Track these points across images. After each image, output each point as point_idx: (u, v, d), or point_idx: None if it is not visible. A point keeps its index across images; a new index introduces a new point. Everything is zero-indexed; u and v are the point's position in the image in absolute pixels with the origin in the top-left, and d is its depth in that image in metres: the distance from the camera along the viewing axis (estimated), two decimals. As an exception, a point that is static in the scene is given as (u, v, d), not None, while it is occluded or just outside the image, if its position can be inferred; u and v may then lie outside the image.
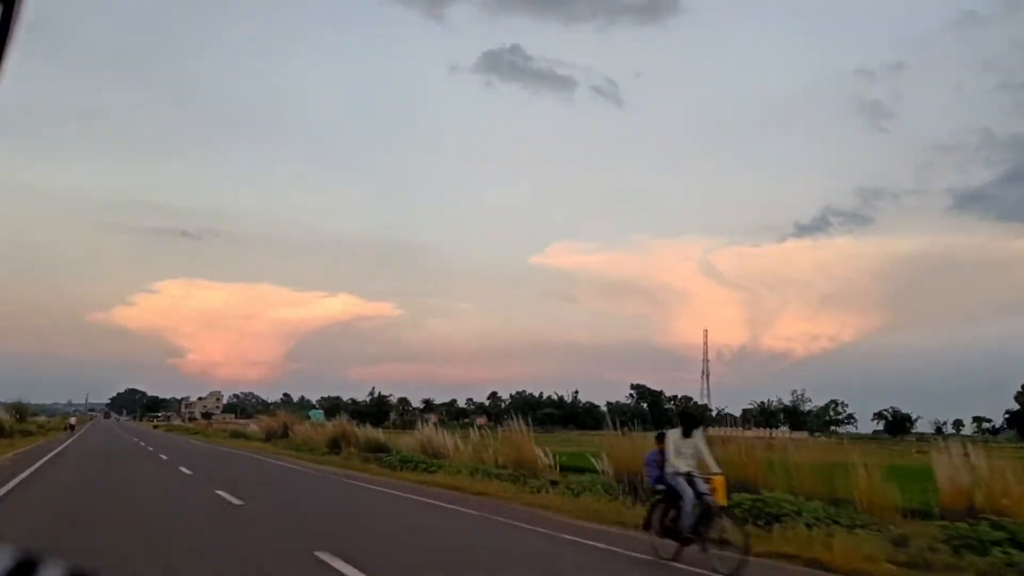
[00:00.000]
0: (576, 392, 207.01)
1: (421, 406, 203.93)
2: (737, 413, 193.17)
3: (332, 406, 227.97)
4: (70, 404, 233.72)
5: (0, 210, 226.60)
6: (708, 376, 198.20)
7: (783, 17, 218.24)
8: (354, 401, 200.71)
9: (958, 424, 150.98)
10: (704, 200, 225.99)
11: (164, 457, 31.86)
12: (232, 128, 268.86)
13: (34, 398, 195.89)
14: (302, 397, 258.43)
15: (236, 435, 55.03)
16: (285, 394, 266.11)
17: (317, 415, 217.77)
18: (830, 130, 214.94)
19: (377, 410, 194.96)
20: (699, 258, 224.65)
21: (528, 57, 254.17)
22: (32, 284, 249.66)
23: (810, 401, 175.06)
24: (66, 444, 44.72)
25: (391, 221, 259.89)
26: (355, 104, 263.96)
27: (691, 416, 11.10)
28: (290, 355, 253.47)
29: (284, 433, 43.48)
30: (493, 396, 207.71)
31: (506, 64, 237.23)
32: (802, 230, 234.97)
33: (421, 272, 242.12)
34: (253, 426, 59.16)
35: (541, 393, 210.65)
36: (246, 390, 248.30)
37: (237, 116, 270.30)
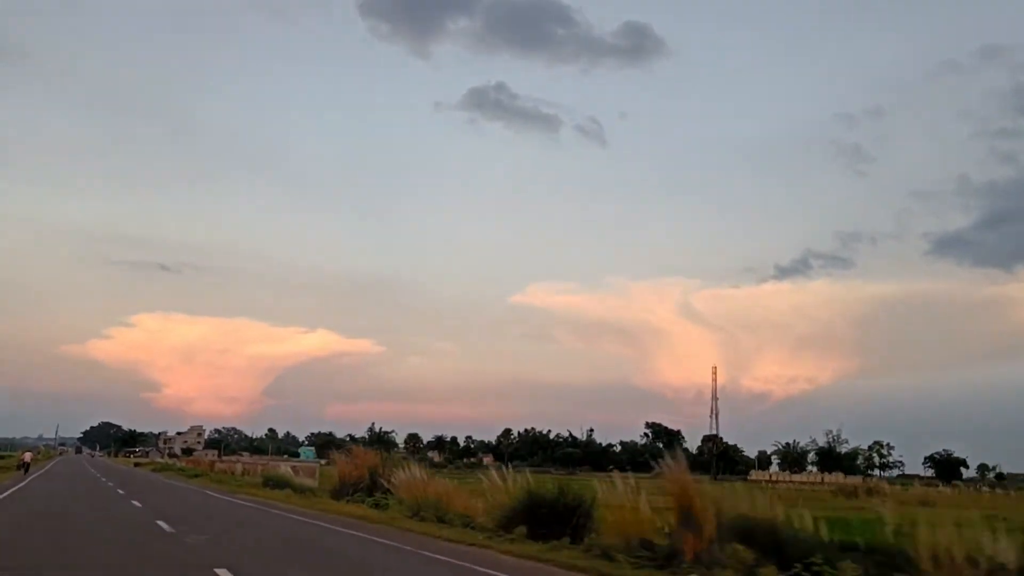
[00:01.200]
0: (591, 431, 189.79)
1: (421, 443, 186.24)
2: (751, 454, 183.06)
3: (324, 443, 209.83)
4: (41, 438, 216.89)
5: None
6: (717, 415, 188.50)
7: (766, 61, 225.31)
8: (352, 437, 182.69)
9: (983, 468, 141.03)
10: (685, 241, 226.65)
11: (190, 542, 15.04)
12: (213, 162, 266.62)
13: (1, 432, 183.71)
14: (287, 433, 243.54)
15: (276, 484, 35.77)
16: (270, 429, 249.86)
17: (308, 453, 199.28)
18: (811, 173, 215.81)
19: (380, 446, 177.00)
20: (678, 299, 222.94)
21: (513, 95, 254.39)
22: (4, 316, 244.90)
23: (846, 442, 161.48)
24: (9, 492, 28.31)
25: (372, 258, 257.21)
26: (338, 140, 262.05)
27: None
28: (268, 391, 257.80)
29: (371, 484, 26.04)
30: (506, 434, 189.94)
31: (491, 102, 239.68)
32: (782, 272, 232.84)
33: (402, 310, 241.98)
34: (305, 476, 41.48)
35: (549, 431, 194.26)
36: (224, 425, 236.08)
37: (218, 150, 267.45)
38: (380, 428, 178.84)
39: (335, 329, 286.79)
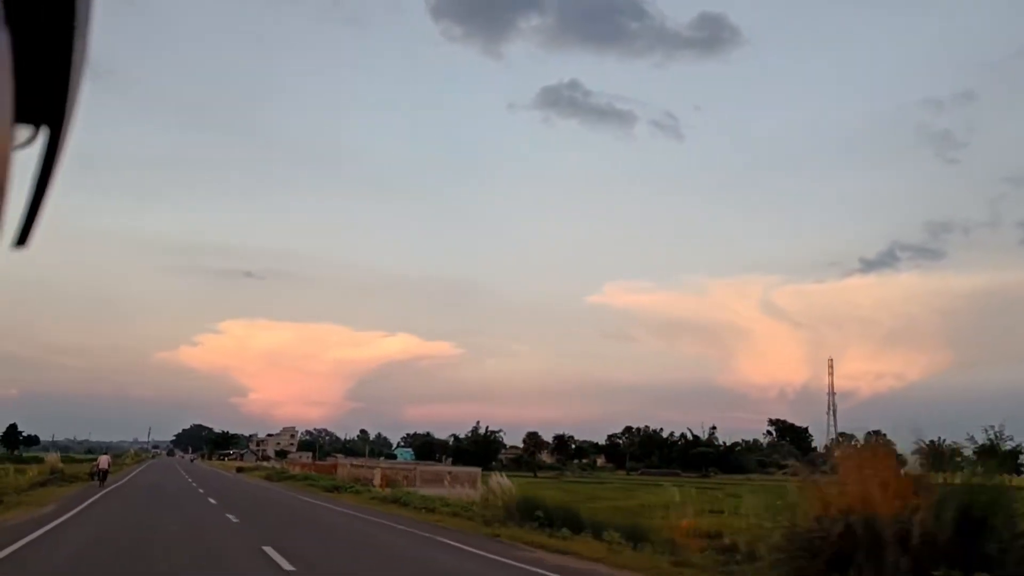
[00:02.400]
0: (713, 428, 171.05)
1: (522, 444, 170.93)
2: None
3: (423, 444, 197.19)
4: (136, 442, 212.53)
5: (70, 255, 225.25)
6: (835, 411, 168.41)
7: (846, 47, 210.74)
8: (456, 438, 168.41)
9: None
10: (766, 236, 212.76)
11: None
12: (295, 169, 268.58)
13: (100, 436, 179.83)
14: (379, 435, 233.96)
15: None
16: (362, 431, 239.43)
17: (406, 455, 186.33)
18: (897, 162, 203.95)
19: (485, 449, 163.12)
20: (759, 295, 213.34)
21: (587, 92, 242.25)
22: (99, 325, 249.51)
23: (1011, 439, 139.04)
24: (59, 520, 14.39)
25: (449, 260, 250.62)
26: (414, 144, 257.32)
27: None
28: (351, 394, 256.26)
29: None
30: (626, 431, 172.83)
31: (565, 100, 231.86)
32: (868, 266, 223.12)
33: (479, 311, 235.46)
34: (465, 485, 26.38)
35: (662, 429, 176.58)
36: (313, 427, 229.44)
37: (300, 157, 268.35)
38: (488, 428, 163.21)
39: (415, 332, 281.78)
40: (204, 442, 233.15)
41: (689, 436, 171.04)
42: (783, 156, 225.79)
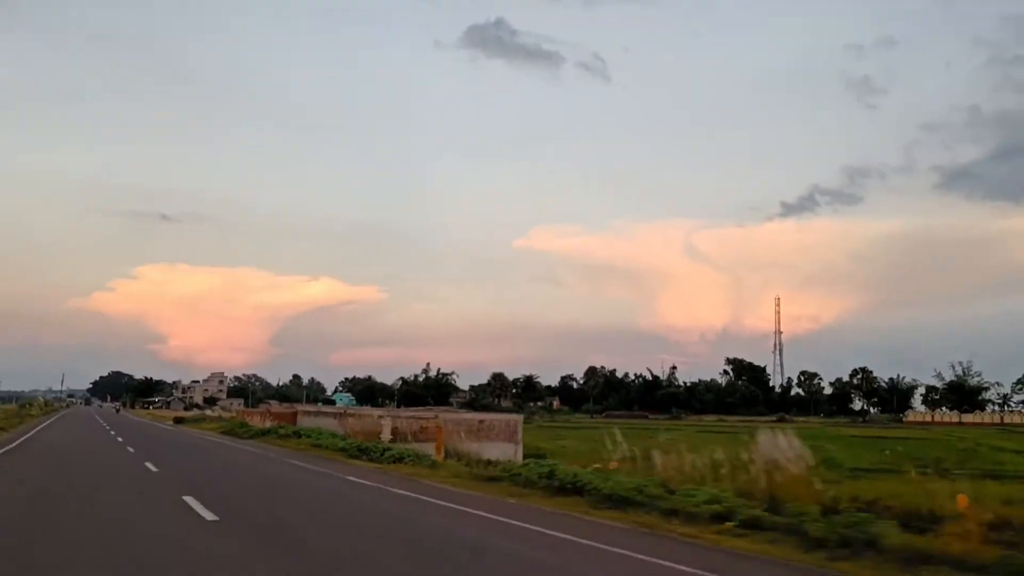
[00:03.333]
0: (674, 368, 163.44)
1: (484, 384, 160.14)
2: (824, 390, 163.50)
3: (365, 388, 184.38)
4: (50, 391, 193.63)
5: None
6: (781, 350, 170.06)
7: None
8: (405, 381, 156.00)
9: None
10: (690, 180, 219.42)
11: None
12: (213, 108, 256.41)
13: (10, 385, 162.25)
14: (312, 379, 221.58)
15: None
16: (295, 375, 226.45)
17: (344, 399, 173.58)
18: (819, 108, 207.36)
19: (437, 391, 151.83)
20: (682, 240, 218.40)
21: (514, 31, 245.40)
22: (7, 270, 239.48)
23: (979, 375, 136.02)
24: None
25: (373, 202, 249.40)
26: (338, 82, 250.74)
27: None
28: (275, 340, 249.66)
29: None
30: (576, 377, 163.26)
31: (491, 39, 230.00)
32: (788, 210, 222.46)
33: (406, 255, 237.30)
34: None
35: (618, 371, 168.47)
36: (237, 373, 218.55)
37: (218, 96, 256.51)
38: (439, 370, 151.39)
39: (339, 276, 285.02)
40: (124, 390, 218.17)
41: (649, 377, 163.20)
42: (709, 100, 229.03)
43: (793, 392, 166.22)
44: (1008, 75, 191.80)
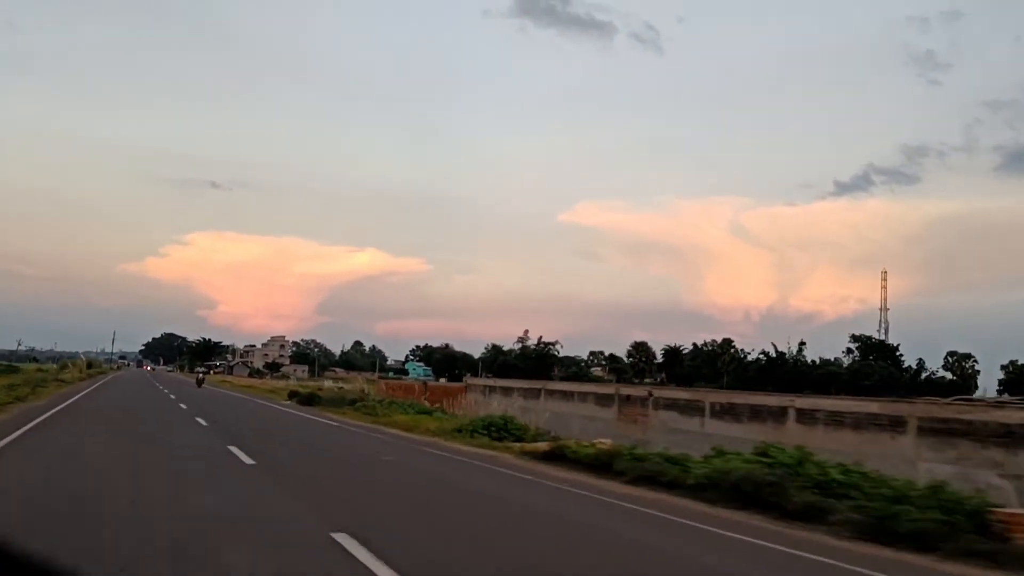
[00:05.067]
0: (802, 344, 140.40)
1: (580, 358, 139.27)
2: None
3: (444, 357, 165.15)
4: (102, 352, 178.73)
5: (31, 160, 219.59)
6: (887, 330, 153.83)
7: None
8: (500, 351, 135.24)
9: None
10: (741, 156, 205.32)
11: None
12: (262, 77, 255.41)
13: (65, 346, 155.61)
14: (373, 347, 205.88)
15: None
16: (357, 342, 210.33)
17: (418, 370, 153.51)
18: (879, 83, 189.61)
19: (539, 364, 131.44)
20: (730, 217, 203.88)
21: (565, 1, 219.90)
22: (62, 235, 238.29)
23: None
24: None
25: (421, 173, 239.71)
26: (385, 49, 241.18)
27: None
28: (320, 309, 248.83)
29: None
30: (640, 346, 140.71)
31: (541, 8, 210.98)
32: (842, 189, 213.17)
33: (450, 226, 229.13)
34: None
35: (694, 344, 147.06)
36: (303, 338, 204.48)
37: (267, 65, 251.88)
38: (540, 340, 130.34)
39: (383, 247, 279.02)
40: (178, 352, 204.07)
41: (773, 353, 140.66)
42: (763, 74, 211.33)
43: (939, 375, 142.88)
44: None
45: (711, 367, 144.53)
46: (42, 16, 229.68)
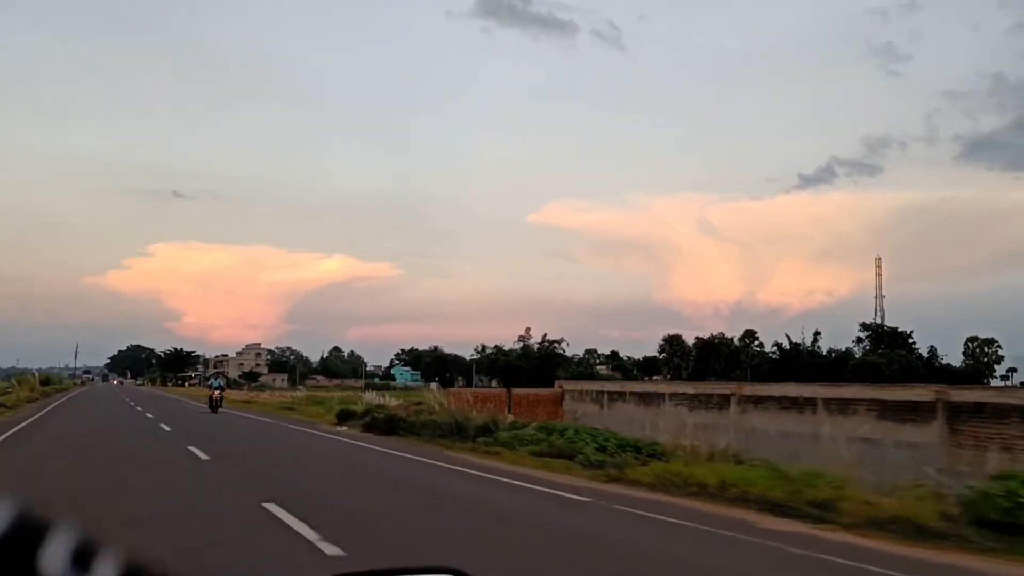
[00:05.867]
0: (817, 334, 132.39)
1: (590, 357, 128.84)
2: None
3: (434, 361, 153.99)
4: (66, 368, 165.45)
5: None
6: (883, 317, 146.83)
7: None
8: (500, 351, 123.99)
9: None
10: (706, 152, 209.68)
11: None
12: (224, 84, 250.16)
13: (28, 363, 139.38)
14: (352, 352, 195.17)
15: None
16: (335, 348, 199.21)
17: (404, 375, 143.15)
18: (840, 75, 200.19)
19: (543, 365, 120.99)
20: (697, 213, 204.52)
21: (527, 0, 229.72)
22: (22, 249, 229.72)
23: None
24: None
25: (387, 178, 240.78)
26: (347, 56, 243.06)
27: None
28: (289, 317, 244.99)
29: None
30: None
31: (504, 8, 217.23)
32: (806, 181, 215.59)
33: (419, 232, 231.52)
34: None
35: (697, 338, 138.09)
36: (277, 346, 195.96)
37: (228, 72, 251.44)
38: (545, 338, 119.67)
39: (352, 254, 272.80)
40: (146, 364, 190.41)
41: (787, 344, 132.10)
42: (725, 70, 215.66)
43: (961, 363, 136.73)
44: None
45: (732, 360, 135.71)
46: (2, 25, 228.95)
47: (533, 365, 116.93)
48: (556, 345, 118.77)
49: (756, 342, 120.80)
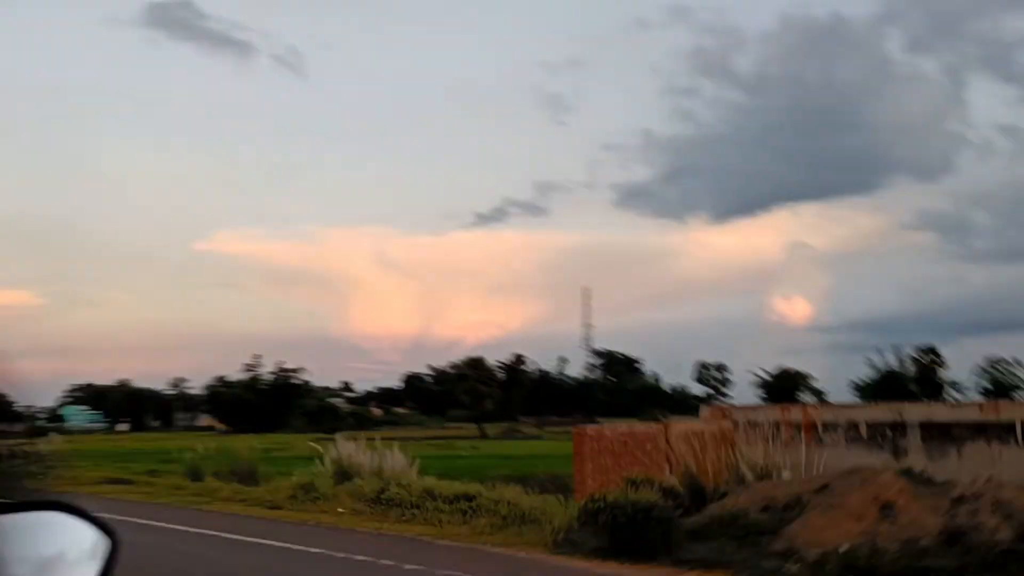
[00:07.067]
0: (563, 361, 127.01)
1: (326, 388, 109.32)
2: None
3: (125, 397, 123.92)
4: None
5: None
6: (592, 344, 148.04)
7: (477, 5, 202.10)
8: (227, 383, 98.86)
9: None
10: (385, 186, 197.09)
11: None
12: None
13: None
14: None
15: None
16: None
17: (76, 415, 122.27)
18: (514, 121, 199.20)
19: (277, 394, 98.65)
20: (375, 246, 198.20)
21: (203, 15, 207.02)
22: None
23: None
24: None
25: (31, 196, 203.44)
26: None
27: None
28: None
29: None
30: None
31: (176, 21, 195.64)
32: (482, 220, 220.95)
33: (69, 256, 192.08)
34: None
35: (432, 368, 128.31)
36: None
37: None
38: (282, 367, 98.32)
39: None
40: None
41: (536, 374, 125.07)
42: (406, 107, 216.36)
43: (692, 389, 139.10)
44: (677, 104, 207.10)
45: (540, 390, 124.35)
46: None
47: (263, 400, 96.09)
48: (292, 374, 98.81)
49: (523, 366, 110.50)
